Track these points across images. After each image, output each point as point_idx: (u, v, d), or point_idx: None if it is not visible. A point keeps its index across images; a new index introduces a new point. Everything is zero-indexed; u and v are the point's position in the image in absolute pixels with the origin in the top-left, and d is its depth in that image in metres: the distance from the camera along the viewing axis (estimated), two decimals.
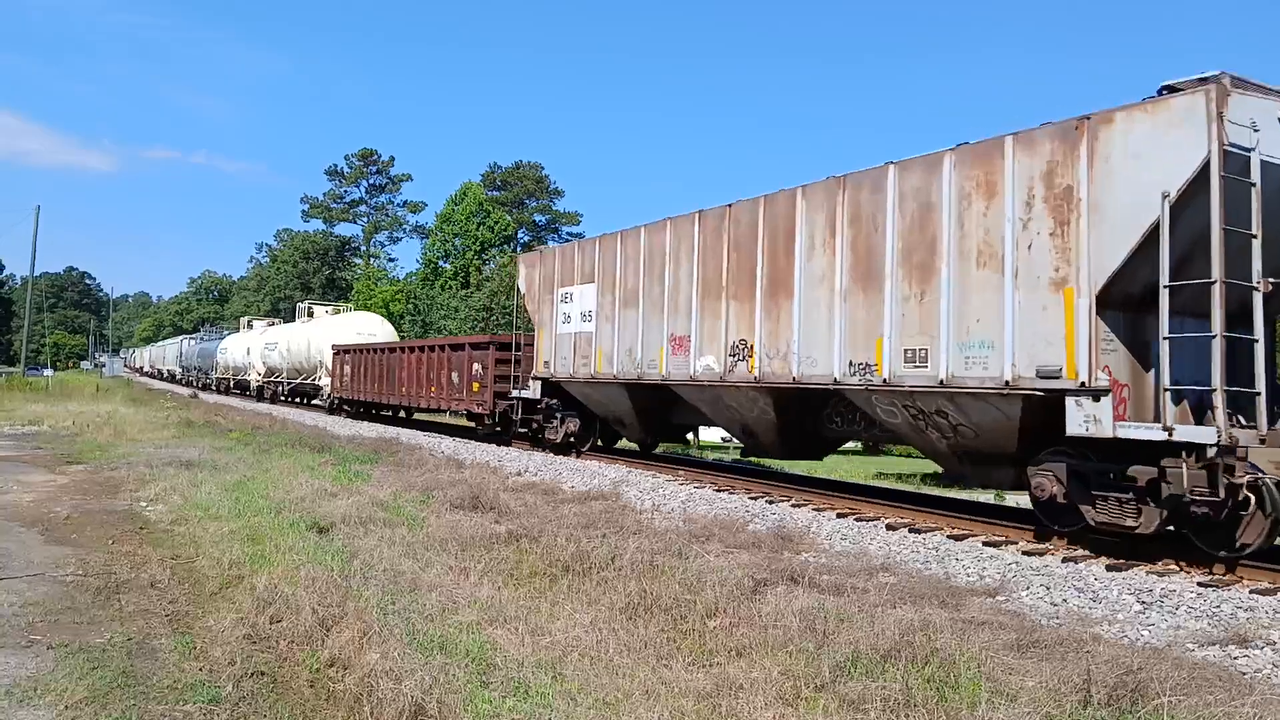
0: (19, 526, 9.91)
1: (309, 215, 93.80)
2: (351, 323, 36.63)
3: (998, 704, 4.62)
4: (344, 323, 36.90)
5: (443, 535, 8.92)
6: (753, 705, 4.70)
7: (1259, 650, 5.90)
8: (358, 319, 37.55)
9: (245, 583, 7.18)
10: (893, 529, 10.34)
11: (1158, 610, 6.96)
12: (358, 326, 35.72)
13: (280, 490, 11.60)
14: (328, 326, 36.91)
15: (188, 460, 14.80)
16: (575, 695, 4.86)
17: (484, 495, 11.26)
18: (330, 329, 35.94)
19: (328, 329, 36.16)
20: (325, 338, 35.18)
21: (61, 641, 5.93)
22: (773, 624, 6.00)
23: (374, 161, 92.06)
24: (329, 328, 36.36)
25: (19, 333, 78.83)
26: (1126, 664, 4.99)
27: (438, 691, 4.68)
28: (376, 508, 10.45)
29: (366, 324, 36.35)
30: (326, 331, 35.83)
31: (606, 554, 7.92)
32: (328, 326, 36.91)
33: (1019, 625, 6.20)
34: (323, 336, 35.57)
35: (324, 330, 36.34)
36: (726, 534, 9.41)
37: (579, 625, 6.07)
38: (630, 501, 12.01)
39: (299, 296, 73.76)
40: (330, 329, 35.94)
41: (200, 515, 10.29)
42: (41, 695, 4.97)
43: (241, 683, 5.20)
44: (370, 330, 35.26)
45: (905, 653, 5.33)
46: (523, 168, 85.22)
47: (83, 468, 15.25)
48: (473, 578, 7.47)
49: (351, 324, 36.22)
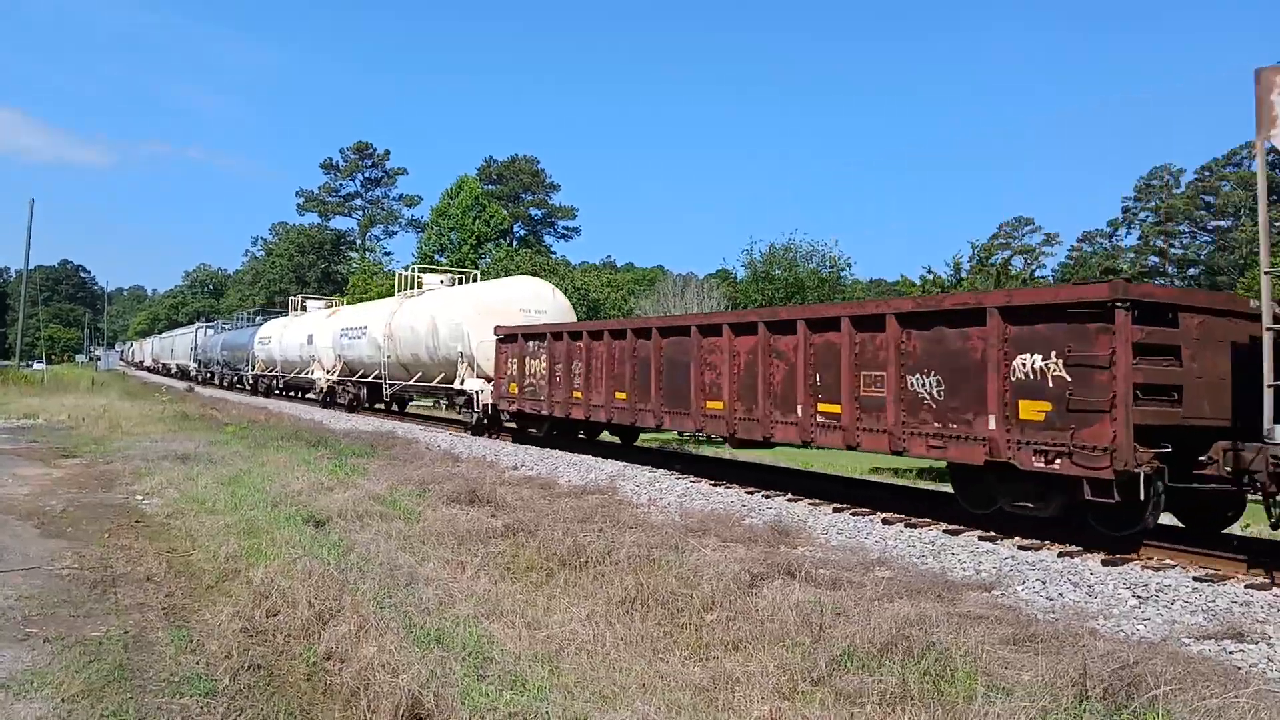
0: (14, 520, 9.89)
1: (304, 209, 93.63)
2: (506, 293, 23.36)
3: (994, 698, 4.63)
4: (494, 294, 23.44)
5: (439, 529, 8.92)
6: (749, 699, 4.71)
7: (1254, 645, 5.92)
8: (517, 288, 23.92)
9: (242, 576, 7.18)
10: (889, 523, 10.35)
11: (1153, 605, 6.98)
12: (519, 299, 22.93)
13: (277, 484, 11.58)
14: (465, 301, 23.63)
15: (184, 454, 14.77)
16: (572, 688, 4.86)
17: (480, 489, 11.25)
18: (468, 303, 23.18)
19: (466, 304, 23.25)
20: (465, 316, 22.66)
21: (58, 635, 5.92)
22: (769, 618, 6.01)
23: (369, 155, 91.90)
24: (467, 302, 23.33)
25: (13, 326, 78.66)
26: (1122, 658, 5.00)
27: (434, 685, 4.68)
28: (373, 501, 10.44)
29: (531, 295, 23.34)
30: (464, 307, 23.12)
31: (603, 548, 7.92)
32: (465, 301, 23.63)
33: (1015, 619, 6.21)
34: (460, 314, 23.00)
35: (459, 305, 23.50)
36: (723, 528, 9.41)
37: (575, 619, 6.07)
38: (626, 496, 12.01)
39: (294, 290, 73.54)
40: (468, 303, 23.18)
41: (196, 509, 10.27)
42: (38, 688, 4.97)
43: (238, 676, 5.20)
44: (538, 304, 22.91)
45: (901, 647, 5.34)
46: (518, 161, 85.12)
47: (78, 461, 15.22)
48: (469, 571, 7.47)
49: (506, 295, 23.20)
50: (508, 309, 22.19)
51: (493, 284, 25.57)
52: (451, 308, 23.83)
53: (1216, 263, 70.81)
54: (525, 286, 24.03)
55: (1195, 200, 76.25)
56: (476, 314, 22.30)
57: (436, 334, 24.09)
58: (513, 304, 22.58)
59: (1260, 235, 7.75)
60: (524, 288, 23.88)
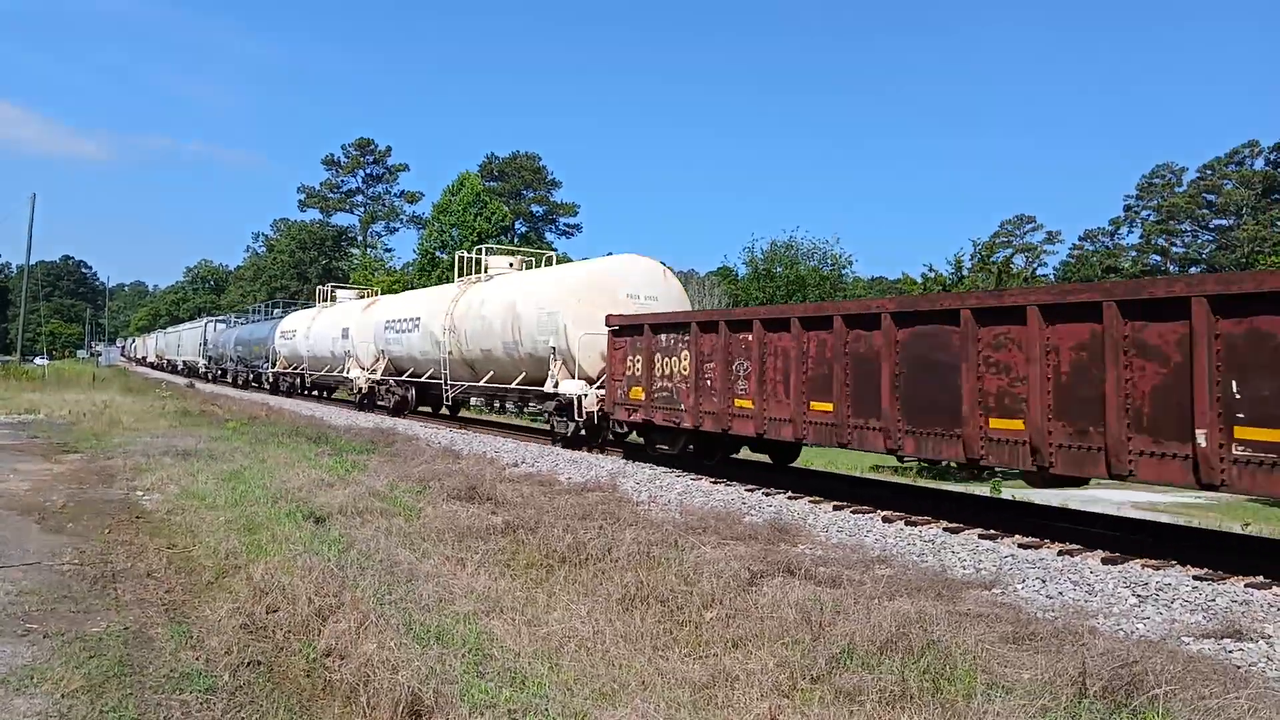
0: (15, 515, 9.90)
1: (306, 205, 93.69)
2: (609, 275, 18.39)
3: (993, 696, 4.63)
4: (594, 277, 18.47)
5: (439, 526, 8.93)
6: (748, 696, 4.71)
7: (1254, 644, 5.92)
8: (623, 268, 18.79)
9: (242, 572, 7.18)
10: (889, 521, 10.35)
11: (1153, 603, 6.98)
12: (625, 281, 18.16)
13: (277, 480, 11.58)
14: (557, 285, 18.96)
15: (184, 450, 14.77)
16: (571, 686, 4.86)
17: (481, 486, 11.26)
18: (562, 288, 18.52)
19: (559, 288, 18.62)
20: (560, 303, 18.06)
21: (58, 630, 5.92)
22: (769, 615, 6.01)
23: (371, 151, 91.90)
24: (561, 286, 18.66)
25: (14, 321, 78.69)
26: (1122, 656, 5.00)
27: (434, 682, 4.69)
28: (373, 498, 10.45)
29: (640, 276, 18.45)
30: (556, 292, 18.58)
31: (603, 545, 7.92)
32: (557, 285, 18.96)
33: (1015, 618, 6.21)
34: (552, 300, 18.40)
35: (550, 290, 18.89)
36: (723, 526, 9.42)
37: (575, 616, 6.07)
38: (627, 493, 12.01)
39: (295, 286, 73.57)
40: (562, 288, 18.52)
41: (197, 505, 10.27)
42: (38, 684, 4.97)
43: (238, 672, 5.20)
44: (649, 288, 18.29)
45: (901, 645, 5.34)
46: (520, 158, 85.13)
47: (79, 457, 15.22)
48: (469, 568, 7.48)
49: (609, 277, 18.30)
50: (611, 295, 17.57)
51: (590, 265, 20.38)
52: (539, 293, 19.09)
53: (1218, 261, 70.74)
54: (632, 267, 18.67)
55: (1197, 199, 76.19)
56: (575, 301, 17.69)
57: (517, 325, 19.43)
58: (617, 288, 17.82)
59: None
60: (631, 268, 18.59)
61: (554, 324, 18.01)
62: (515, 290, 20.38)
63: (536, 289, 19.61)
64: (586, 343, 17.33)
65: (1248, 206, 72.12)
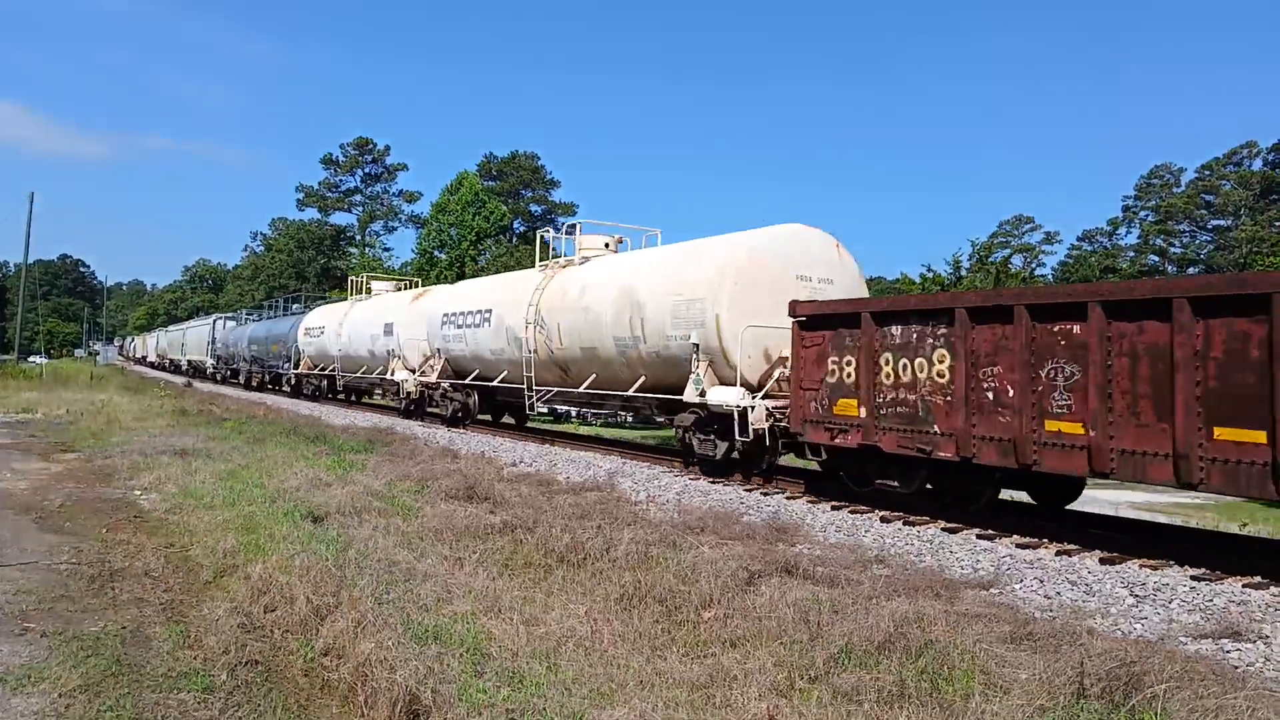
0: (13, 514, 9.89)
1: (304, 204, 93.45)
2: (769, 254, 14.06)
3: (991, 696, 4.64)
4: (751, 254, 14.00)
5: (437, 525, 8.92)
6: (746, 696, 4.71)
7: (1251, 644, 5.93)
8: (786, 243, 14.39)
9: (240, 572, 7.17)
10: (887, 521, 10.35)
11: (1151, 604, 6.98)
12: (792, 260, 14.08)
13: (275, 479, 11.57)
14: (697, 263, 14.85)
15: (182, 449, 14.76)
16: (569, 685, 4.86)
17: (479, 486, 11.25)
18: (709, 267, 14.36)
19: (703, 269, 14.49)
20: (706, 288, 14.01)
21: (56, 630, 5.92)
22: (767, 615, 6.01)
23: (369, 150, 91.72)
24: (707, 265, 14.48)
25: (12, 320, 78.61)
26: (1120, 656, 5.00)
27: (432, 681, 4.68)
28: (371, 497, 10.45)
29: (811, 253, 14.40)
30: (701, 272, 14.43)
31: (601, 545, 7.92)
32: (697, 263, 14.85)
33: (1013, 618, 6.21)
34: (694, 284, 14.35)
35: (690, 271, 14.76)
36: (721, 525, 9.42)
37: (573, 616, 6.07)
38: (625, 493, 12.01)
39: (294, 286, 73.50)
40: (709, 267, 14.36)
41: (194, 504, 10.27)
42: (35, 683, 4.96)
43: (236, 671, 5.19)
44: (822, 269, 14.34)
45: (899, 644, 5.35)
46: (519, 158, 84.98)
47: (77, 456, 15.21)
48: (467, 568, 7.47)
49: (770, 256, 14.03)
50: (776, 277, 13.45)
51: (746, 239, 14.42)
52: (673, 276, 14.83)
53: (1216, 262, 70.80)
54: (800, 240, 14.25)
55: (1195, 199, 76.23)
56: (730, 284, 13.40)
57: (638, 317, 15.22)
58: (785, 269, 13.64)
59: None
60: (799, 242, 14.19)
61: (698, 314, 13.89)
62: (631, 274, 16.26)
63: (667, 271, 15.26)
64: (749, 339, 13.18)
65: (1246, 207, 72.19)
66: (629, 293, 15.77)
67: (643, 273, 16.00)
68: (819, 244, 14.49)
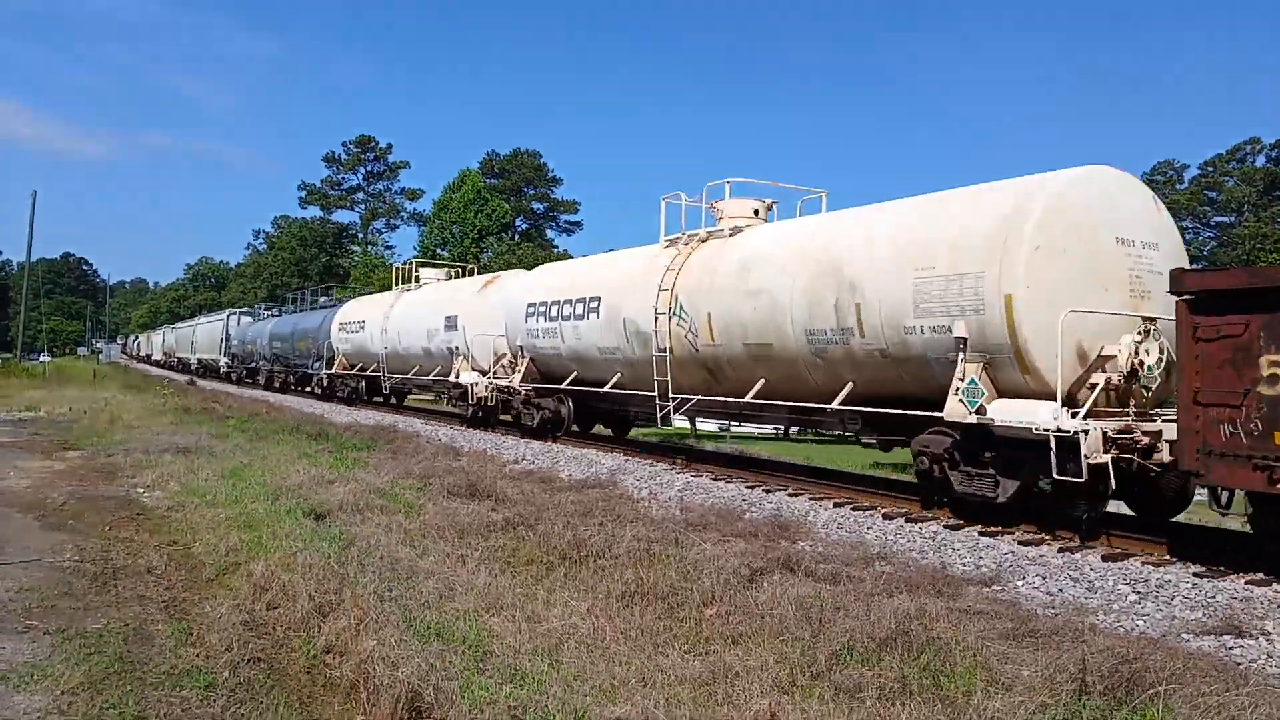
0: (16, 512, 9.91)
1: (306, 202, 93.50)
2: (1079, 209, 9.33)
3: (993, 693, 4.63)
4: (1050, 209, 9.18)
5: (440, 522, 8.93)
6: (748, 693, 4.71)
7: (1254, 640, 5.92)
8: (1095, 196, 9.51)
9: (242, 569, 7.18)
10: (890, 518, 10.34)
11: (1153, 600, 6.98)
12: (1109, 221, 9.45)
13: (277, 477, 11.59)
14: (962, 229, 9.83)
15: (185, 447, 14.78)
16: (571, 682, 4.86)
17: (481, 483, 11.26)
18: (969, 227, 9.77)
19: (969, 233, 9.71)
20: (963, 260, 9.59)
21: (58, 627, 5.93)
22: (769, 612, 6.01)
23: (372, 148, 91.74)
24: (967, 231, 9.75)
25: (15, 318, 78.69)
26: (1122, 653, 5.00)
27: (434, 678, 4.68)
28: (374, 495, 10.45)
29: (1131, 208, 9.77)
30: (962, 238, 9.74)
31: (603, 542, 7.92)
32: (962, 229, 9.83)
33: (1015, 614, 6.21)
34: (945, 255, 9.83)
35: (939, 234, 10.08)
36: (723, 523, 9.42)
37: (575, 613, 6.07)
38: (627, 490, 12.01)
39: (296, 283, 73.49)
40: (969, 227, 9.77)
41: (197, 501, 10.29)
42: (38, 681, 4.98)
43: (238, 669, 5.20)
44: (1145, 230, 9.75)
45: (901, 641, 5.35)
46: (521, 155, 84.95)
47: (79, 454, 15.24)
48: (470, 565, 7.48)
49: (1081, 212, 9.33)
50: (1089, 240, 9.37)
51: (1029, 185, 9.87)
52: (916, 241, 10.47)
53: (1220, 258, 70.65)
54: (1112, 192, 9.83)
55: (1199, 196, 76.07)
56: (1030, 249, 9.13)
57: (852, 301, 11.00)
58: (1097, 227, 9.49)
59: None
60: (1110, 196, 9.78)
61: (970, 295, 9.59)
62: (827, 243, 11.94)
63: (898, 236, 10.85)
64: (1070, 326, 8.77)
65: (1249, 203, 72.02)
66: (831, 269, 11.43)
67: (853, 240, 11.53)
68: (1136, 197, 10.13)
